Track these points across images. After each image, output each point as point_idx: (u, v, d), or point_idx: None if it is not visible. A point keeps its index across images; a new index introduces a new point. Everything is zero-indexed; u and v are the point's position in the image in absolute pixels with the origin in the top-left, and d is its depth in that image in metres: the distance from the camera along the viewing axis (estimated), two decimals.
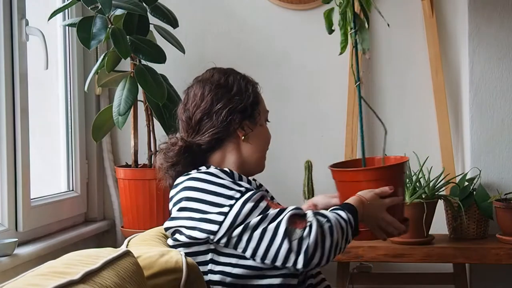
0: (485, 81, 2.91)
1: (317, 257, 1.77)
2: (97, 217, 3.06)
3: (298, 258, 1.76)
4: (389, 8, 3.04)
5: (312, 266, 1.78)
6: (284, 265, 1.78)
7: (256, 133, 2.06)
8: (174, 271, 1.57)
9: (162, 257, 1.59)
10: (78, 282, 1.20)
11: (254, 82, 2.12)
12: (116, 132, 3.09)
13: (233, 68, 2.17)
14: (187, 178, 1.91)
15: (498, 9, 2.90)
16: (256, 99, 2.08)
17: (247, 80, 2.11)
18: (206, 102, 2.04)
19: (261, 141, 2.09)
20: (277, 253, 1.77)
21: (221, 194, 1.84)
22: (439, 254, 2.67)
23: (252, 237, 1.78)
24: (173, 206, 1.92)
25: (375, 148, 3.03)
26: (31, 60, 2.50)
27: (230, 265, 1.85)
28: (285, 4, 3.07)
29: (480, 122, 2.91)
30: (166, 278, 1.56)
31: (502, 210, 2.72)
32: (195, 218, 1.83)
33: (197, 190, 1.86)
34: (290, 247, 1.75)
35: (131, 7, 2.53)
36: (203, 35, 3.10)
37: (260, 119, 2.08)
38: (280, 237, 1.76)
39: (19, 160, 2.42)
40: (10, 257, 2.22)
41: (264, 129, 2.10)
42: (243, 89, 2.07)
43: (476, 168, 2.87)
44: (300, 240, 1.76)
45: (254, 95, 2.08)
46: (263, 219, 1.79)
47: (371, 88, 3.07)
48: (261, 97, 2.12)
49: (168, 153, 2.02)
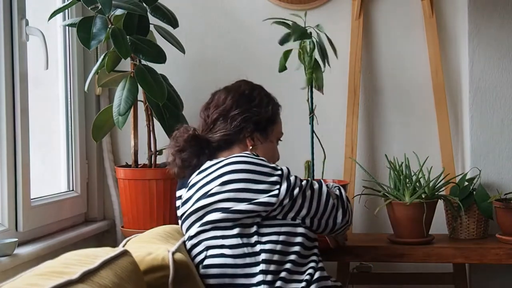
0: (485, 81, 2.91)
1: (348, 211, 2.27)
2: (97, 217, 3.06)
3: (339, 212, 2.23)
4: (389, 8, 3.05)
5: (348, 218, 2.26)
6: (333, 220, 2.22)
7: (265, 147, 2.25)
8: (161, 268, 1.58)
9: (149, 255, 1.60)
10: (77, 281, 1.21)
11: (277, 103, 2.31)
12: (116, 132, 3.09)
13: (262, 86, 2.33)
14: (219, 161, 2.13)
15: (498, 9, 2.90)
16: (273, 118, 2.27)
17: (271, 98, 2.30)
18: (226, 105, 2.22)
19: (267, 156, 2.21)
20: (325, 208, 2.19)
21: (265, 165, 2.10)
22: (439, 254, 2.67)
23: (305, 198, 2.13)
24: (206, 184, 2.09)
25: (375, 148, 3.03)
26: (31, 60, 2.50)
27: (275, 234, 2.08)
28: (285, 4, 3.07)
29: (480, 122, 2.91)
30: (153, 275, 1.57)
31: (502, 210, 2.72)
32: (248, 189, 2.05)
33: (241, 163, 2.09)
34: (334, 203, 2.21)
35: (131, 7, 2.53)
36: (203, 35, 3.10)
37: (272, 136, 2.27)
38: (325, 196, 2.18)
39: (19, 160, 2.42)
40: (10, 257, 2.22)
41: (272, 146, 2.29)
42: (263, 104, 2.25)
43: (476, 168, 2.87)
44: (338, 199, 2.24)
45: (273, 113, 2.27)
46: (306, 185, 2.14)
47: (371, 88, 3.07)
48: (280, 119, 2.31)
49: (178, 139, 2.20)
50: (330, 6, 3.05)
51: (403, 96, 3.05)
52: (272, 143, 2.30)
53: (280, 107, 2.33)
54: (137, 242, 1.81)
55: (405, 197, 2.69)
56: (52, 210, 2.70)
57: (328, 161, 2.80)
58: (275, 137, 2.31)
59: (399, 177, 2.72)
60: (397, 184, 2.73)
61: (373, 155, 3.04)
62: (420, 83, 3.04)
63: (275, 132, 2.30)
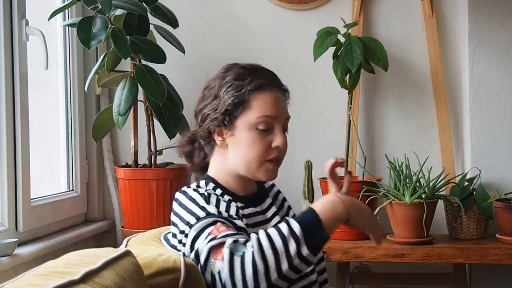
0: (485, 81, 2.91)
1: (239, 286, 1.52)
2: (97, 217, 3.06)
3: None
4: (389, 8, 3.05)
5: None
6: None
7: (237, 142, 1.79)
8: (172, 271, 1.56)
9: (160, 256, 1.58)
10: (79, 282, 1.20)
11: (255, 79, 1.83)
12: (116, 132, 3.09)
13: (238, 63, 1.95)
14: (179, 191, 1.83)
15: (498, 9, 2.90)
16: (241, 99, 1.79)
17: (242, 76, 1.85)
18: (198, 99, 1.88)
19: (243, 152, 1.79)
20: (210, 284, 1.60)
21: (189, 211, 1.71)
22: (439, 254, 2.67)
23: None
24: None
25: (375, 148, 3.03)
26: (31, 60, 2.50)
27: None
28: (285, 4, 3.07)
29: (480, 122, 2.91)
30: (164, 278, 1.55)
31: (502, 210, 2.72)
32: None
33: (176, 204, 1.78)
34: (214, 280, 1.57)
35: (131, 7, 2.53)
36: (203, 35, 3.10)
37: (242, 125, 1.78)
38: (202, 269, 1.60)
39: (19, 160, 2.42)
40: (10, 257, 2.22)
41: (249, 139, 1.77)
42: (227, 86, 1.83)
43: (476, 168, 2.87)
44: (218, 273, 1.55)
45: (240, 94, 1.79)
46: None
47: (371, 88, 3.07)
48: (261, 98, 1.79)
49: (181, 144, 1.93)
50: (330, 6, 3.05)
51: (403, 96, 3.05)
52: (248, 137, 1.78)
53: (258, 86, 1.81)
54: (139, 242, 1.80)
55: (405, 197, 2.69)
56: (52, 210, 2.70)
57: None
58: (250, 127, 1.77)
59: (399, 177, 2.72)
60: (397, 184, 2.73)
61: (373, 155, 3.04)
62: (420, 83, 3.04)
63: (245, 121, 1.78)
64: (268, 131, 1.79)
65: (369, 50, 2.84)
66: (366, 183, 2.78)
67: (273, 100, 1.82)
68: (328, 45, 2.80)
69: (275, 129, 1.80)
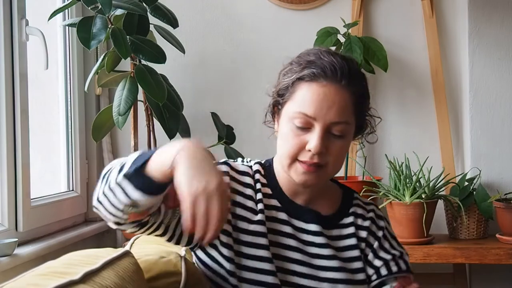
0: (485, 81, 2.91)
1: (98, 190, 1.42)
2: (97, 217, 3.02)
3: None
4: (389, 8, 3.05)
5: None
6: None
7: (280, 134, 1.62)
8: (173, 274, 1.56)
9: (162, 259, 1.58)
10: (79, 282, 1.20)
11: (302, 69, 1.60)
12: (116, 132, 3.09)
13: (320, 47, 1.71)
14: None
15: (498, 9, 2.90)
16: (283, 91, 1.61)
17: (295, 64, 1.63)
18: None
19: (281, 143, 1.61)
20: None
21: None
22: (439, 254, 2.67)
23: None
24: None
25: (375, 148, 3.03)
26: (31, 60, 2.50)
27: None
28: (285, 4, 3.07)
29: (480, 122, 2.91)
30: (165, 281, 1.55)
31: (502, 210, 2.72)
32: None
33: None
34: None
35: (131, 7, 2.53)
36: (203, 35, 3.10)
37: (283, 118, 1.61)
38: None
39: (19, 160, 2.41)
40: (10, 257, 2.22)
41: (286, 133, 1.59)
42: (282, 73, 1.66)
43: (476, 168, 2.87)
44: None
45: (285, 84, 1.61)
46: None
47: (371, 88, 3.06)
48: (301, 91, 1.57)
49: None
50: (330, 6, 3.05)
51: (403, 96, 3.05)
52: (286, 129, 1.59)
53: (308, 75, 1.58)
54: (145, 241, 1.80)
55: (405, 197, 2.69)
56: (52, 210, 2.70)
57: None
58: (289, 119, 1.58)
59: (399, 177, 2.72)
60: (397, 184, 2.73)
61: (373, 155, 3.04)
62: (420, 83, 3.04)
63: (287, 111, 1.59)
64: (306, 130, 1.56)
65: (369, 50, 2.84)
66: (366, 183, 2.78)
67: (316, 97, 1.56)
68: (328, 45, 2.80)
69: (315, 130, 1.55)
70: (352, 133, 1.64)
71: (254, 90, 2.97)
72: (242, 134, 2.95)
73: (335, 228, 1.66)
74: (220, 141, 2.86)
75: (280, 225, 1.62)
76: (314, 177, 1.57)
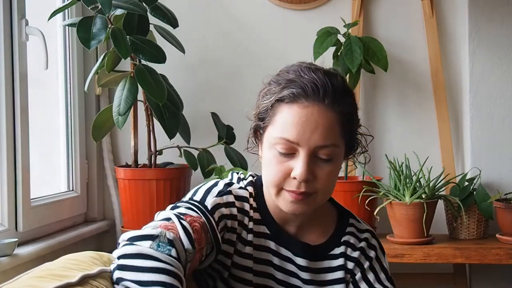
0: (485, 81, 2.91)
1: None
2: (97, 217, 3.06)
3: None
4: (389, 8, 3.05)
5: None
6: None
7: (263, 158, 1.51)
8: None
9: None
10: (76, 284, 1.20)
11: (280, 90, 1.48)
12: (116, 132, 3.09)
13: (302, 62, 1.61)
14: None
15: (498, 9, 2.90)
16: (263, 114, 1.50)
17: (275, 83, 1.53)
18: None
19: (265, 171, 1.51)
20: None
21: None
22: (439, 254, 2.67)
23: None
24: None
25: (375, 148, 3.03)
26: (31, 60, 2.50)
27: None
28: (285, 4, 3.06)
29: (480, 122, 2.91)
30: None
31: (502, 210, 2.72)
32: None
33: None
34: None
35: (131, 7, 2.53)
36: (203, 35, 3.10)
37: (265, 142, 1.50)
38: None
39: (19, 160, 2.42)
40: (10, 257, 2.22)
41: (268, 158, 1.48)
42: (261, 95, 1.57)
43: (476, 168, 2.87)
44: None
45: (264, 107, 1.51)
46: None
47: (371, 88, 3.07)
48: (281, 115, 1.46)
49: None
50: (330, 6, 3.05)
51: (403, 96, 3.05)
52: (269, 155, 1.47)
53: (287, 96, 1.46)
54: None
55: (405, 197, 2.69)
56: (52, 210, 2.70)
57: None
58: (271, 145, 1.47)
59: (399, 177, 2.72)
60: (397, 184, 2.73)
61: (373, 155, 3.04)
62: (420, 83, 3.04)
63: (268, 136, 1.48)
64: (290, 156, 1.45)
65: (369, 50, 2.84)
66: (366, 183, 2.78)
67: (298, 120, 1.43)
68: (328, 45, 2.80)
69: (299, 156, 1.44)
70: (341, 155, 1.49)
71: (254, 90, 2.96)
72: (242, 134, 2.94)
73: (324, 260, 1.57)
74: (220, 141, 2.86)
75: (268, 254, 1.55)
76: (303, 206, 1.47)
